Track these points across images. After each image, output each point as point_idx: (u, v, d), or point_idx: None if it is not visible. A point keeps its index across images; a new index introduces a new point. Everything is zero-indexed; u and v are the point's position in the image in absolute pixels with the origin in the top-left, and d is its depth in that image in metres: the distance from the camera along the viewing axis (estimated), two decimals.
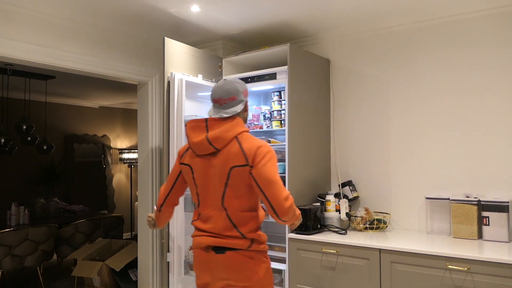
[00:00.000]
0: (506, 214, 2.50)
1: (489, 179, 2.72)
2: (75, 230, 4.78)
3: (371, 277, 2.49)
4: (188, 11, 2.91)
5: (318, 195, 3.10)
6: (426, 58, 2.98)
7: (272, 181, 1.75)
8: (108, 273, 3.89)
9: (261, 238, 1.92)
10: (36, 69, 4.60)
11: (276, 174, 1.79)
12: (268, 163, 1.78)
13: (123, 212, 7.31)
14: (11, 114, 5.69)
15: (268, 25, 3.19)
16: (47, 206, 5.26)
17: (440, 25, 2.93)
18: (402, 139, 3.07)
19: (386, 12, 2.93)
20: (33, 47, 2.79)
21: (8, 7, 2.67)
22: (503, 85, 2.70)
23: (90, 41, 3.11)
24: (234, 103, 1.88)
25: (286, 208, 1.75)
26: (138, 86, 3.62)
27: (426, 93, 2.98)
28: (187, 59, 2.95)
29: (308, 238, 2.73)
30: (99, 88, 5.79)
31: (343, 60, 3.35)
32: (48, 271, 5.23)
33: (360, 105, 3.26)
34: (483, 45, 2.77)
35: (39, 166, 6.28)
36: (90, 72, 3.15)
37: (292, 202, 1.79)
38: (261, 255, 1.91)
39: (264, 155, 1.78)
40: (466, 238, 2.61)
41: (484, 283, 2.13)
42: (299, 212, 1.94)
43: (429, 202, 2.86)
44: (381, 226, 2.90)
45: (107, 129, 7.40)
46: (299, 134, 2.98)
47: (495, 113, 2.72)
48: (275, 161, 1.82)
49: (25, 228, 4.22)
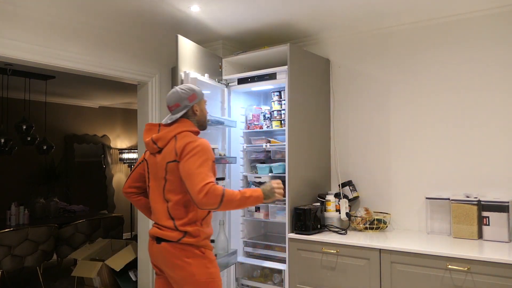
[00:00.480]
0: (506, 214, 2.50)
1: (489, 179, 2.72)
2: (75, 230, 4.78)
3: (371, 277, 2.49)
4: (188, 11, 2.91)
5: (318, 195, 3.10)
6: (426, 58, 2.98)
7: (190, 174, 1.88)
8: (108, 273, 3.89)
9: (197, 232, 1.99)
10: (36, 69, 4.58)
11: (199, 167, 1.89)
12: (192, 158, 1.91)
13: (123, 212, 7.31)
14: (11, 114, 5.69)
15: (268, 25, 3.19)
16: (47, 206, 5.26)
17: (440, 25, 2.93)
18: (402, 139, 3.07)
19: (386, 12, 2.93)
20: (33, 47, 2.78)
21: (8, 7, 2.67)
22: (503, 85, 2.70)
23: (90, 41, 3.11)
24: (179, 109, 2.10)
25: (199, 199, 1.83)
26: (138, 86, 3.62)
27: (426, 93, 2.98)
28: (195, 58, 2.91)
29: (308, 238, 2.73)
30: (99, 88, 5.78)
31: (343, 60, 3.35)
32: (48, 271, 5.23)
33: (360, 105, 3.26)
34: (483, 45, 2.77)
35: (39, 166, 6.28)
36: (90, 72, 3.15)
37: (208, 191, 1.83)
38: (194, 248, 1.99)
39: (190, 151, 1.93)
40: (466, 238, 2.61)
41: (484, 283, 2.13)
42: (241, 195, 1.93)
43: (429, 202, 2.86)
44: (381, 226, 2.90)
45: (107, 129, 7.40)
46: (299, 134, 2.98)
47: (495, 113, 2.72)
48: (201, 155, 1.93)
49: (25, 228, 4.22)
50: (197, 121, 2.15)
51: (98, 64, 3.14)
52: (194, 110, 2.13)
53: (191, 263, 1.97)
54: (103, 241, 4.47)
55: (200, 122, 2.16)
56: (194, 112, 2.13)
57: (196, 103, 2.13)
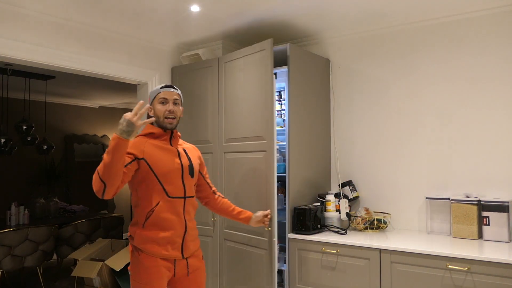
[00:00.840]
0: (506, 214, 2.50)
1: (489, 179, 2.72)
2: (75, 230, 4.78)
3: (371, 277, 2.49)
4: (188, 11, 2.91)
5: (318, 195, 3.10)
6: (426, 58, 2.98)
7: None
8: (108, 273, 3.90)
9: (133, 234, 1.98)
10: (36, 69, 4.60)
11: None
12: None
13: (123, 212, 7.33)
14: (11, 114, 5.70)
15: (268, 25, 3.19)
16: (47, 206, 5.26)
17: (440, 25, 2.93)
18: (402, 138, 3.07)
19: (386, 12, 2.94)
20: (33, 47, 2.79)
21: (8, 7, 2.67)
22: (503, 84, 2.70)
23: (90, 41, 3.11)
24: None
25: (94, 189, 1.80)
26: (138, 86, 3.62)
27: (426, 93, 2.98)
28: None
29: (308, 238, 2.73)
30: (99, 88, 5.79)
31: (343, 60, 3.35)
32: (48, 271, 5.23)
33: (360, 104, 3.26)
34: (483, 45, 2.78)
35: (39, 166, 6.29)
36: (90, 72, 3.15)
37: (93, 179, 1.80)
38: (133, 248, 1.99)
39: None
40: (466, 238, 2.61)
41: (484, 283, 2.13)
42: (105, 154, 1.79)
43: (429, 202, 2.86)
44: (381, 226, 2.90)
45: (107, 129, 7.41)
46: (299, 134, 2.98)
47: (496, 113, 2.72)
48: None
49: (25, 228, 4.22)
50: (156, 122, 2.07)
51: (98, 64, 3.15)
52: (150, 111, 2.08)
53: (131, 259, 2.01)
54: (103, 241, 4.47)
55: (158, 122, 2.07)
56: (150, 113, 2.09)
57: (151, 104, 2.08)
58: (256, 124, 2.84)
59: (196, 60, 3.51)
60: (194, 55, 3.48)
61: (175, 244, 1.96)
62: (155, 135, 2.05)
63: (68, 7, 2.81)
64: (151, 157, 1.96)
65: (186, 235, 2.01)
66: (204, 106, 3.31)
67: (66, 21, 2.96)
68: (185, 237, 2.00)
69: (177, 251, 1.97)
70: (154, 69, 3.55)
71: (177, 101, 2.08)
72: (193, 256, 2.05)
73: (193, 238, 2.06)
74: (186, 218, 2.02)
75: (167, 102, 2.05)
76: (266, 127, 2.76)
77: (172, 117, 2.04)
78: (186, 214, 2.02)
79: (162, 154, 2.00)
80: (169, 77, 3.65)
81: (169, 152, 2.03)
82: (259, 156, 2.81)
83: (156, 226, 1.94)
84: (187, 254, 2.01)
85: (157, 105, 2.06)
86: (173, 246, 1.96)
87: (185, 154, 2.10)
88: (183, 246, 1.99)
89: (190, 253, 2.03)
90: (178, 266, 1.98)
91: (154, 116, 2.06)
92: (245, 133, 2.96)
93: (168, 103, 2.05)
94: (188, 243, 2.01)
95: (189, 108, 3.43)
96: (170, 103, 2.05)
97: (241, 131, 2.97)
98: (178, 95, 2.09)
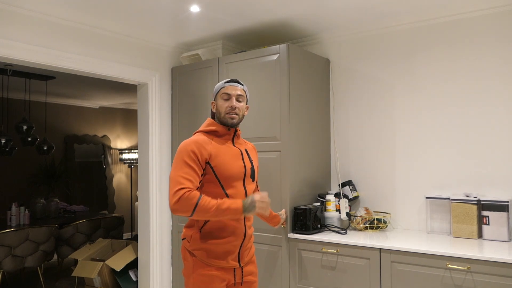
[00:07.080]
0: (506, 213, 2.50)
1: (489, 178, 2.72)
2: (76, 231, 4.79)
3: (371, 276, 2.49)
4: (188, 11, 2.91)
5: (318, 195, 3.10)
6: (426, 58, 2.98)
7: (169, 178, 1.82)
8: (109, 273, 3.90)
9: (189, 236, 1.92)
10: (36, 70, 4.60)
11: (175, 170, 1.81)
12: (174, 162, 1.86)
13: (123, 212, 7.33)
14: (11, 114, 5.70)
15: (268, 25, 3.20)
16: (47, 206, 5.27)
17: (440, 25, 2.93)
18: (402, 138, 3.07)
19: (386, 12, 2.94)
20: (33, 47, 2.79)
21: (8, 7, 2.68)
22: (504, 84, 2.70)
23: (90, 41, 3.11)
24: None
25: (171, 204, 1.76)
26: (138, 86, 3.62)
27: (426, 92, 2.98)
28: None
29: (308, 238, 2.73)
30: (99, 88, 5.79)
31: (343, 60, 3.36)
32: (49, 272, 5.24)
33: (360, 104, 3.27)
34: (483, 45, 2.78)
35: (40, 166, 6.29)
36: (90, 73, 3.15)
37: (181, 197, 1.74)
38: (186, 251, 1.94)
39: (176, 154, 1.87)
40: (466, 237, 2.62)
41: (484, 282, 2.13)
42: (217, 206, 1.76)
43: (429, 202, 2.86)
44: (381, 225, 2.90)
45: (107, 129, 7.41)
46: (299, 134, 2.98)
47: (495, 113, 2.72)
48: (177, 158, 1.84)
49: (25, 229, 4.23)
50: (217, 118, 1.98)
51: (98, 64, 3.15)
52: (213, 106, 2.00)
53: (184, 264, 1.95)
54: (103, 241, 4.47)
55: (219, 119, 1.97)
56: (213, 108, 2.01)
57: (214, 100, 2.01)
58: (266, 124, 2.83)
59: (196, 60, 3.51)
60: (194, 55, 3.49)
61: (233, 254, 1.91)
62: (219, 133, 1.95)
63: (68, 7, 2.81)
64: (214, 160, 1.87)
65: (244, 242, 1.94)
66: (204, 106, 3.31)
67: (67, 22, 2.96)
68: (243, 244, 1.93)
69: (235, 261, 1.92)
70: (154, 69, 3.56)
71: (241, 97, 1.97)
72: (250, 263, 2.01)
73: (251, 245, 2.00)
74: (246, 224, 1.94)
75: (230, 98, 1.94)
76: (280, 128, 2.89)
77: (234, 113, 1.94)
78: (246, 220, 1.94)
79: (226, 156, 1.90)
80: (169, 77, 3.65)
81: (233, 154, 1.94)
82: (273, 156, 2.82)
83: (214, 232, 1.87)
84: (243, 262, 1.96)
85: (220, 100, 1.96)
86: (232, 256, 1.91)
87: (247, 156, 2.00)
88: (240, 254, 1.93)
89: (247, 260, 1.98)
90: (236, 275, 1.94)
91: (216, 112, 1.98)
92: (248, 133, 2.96)
93: (230, 98, 1.94)
94: (245, 252, 1.96)
95: (189, 108, 3.43)
96: (232, 99, 1.93)
97: (243, 131, 2.98)
98: (243, 91, 1.98)
